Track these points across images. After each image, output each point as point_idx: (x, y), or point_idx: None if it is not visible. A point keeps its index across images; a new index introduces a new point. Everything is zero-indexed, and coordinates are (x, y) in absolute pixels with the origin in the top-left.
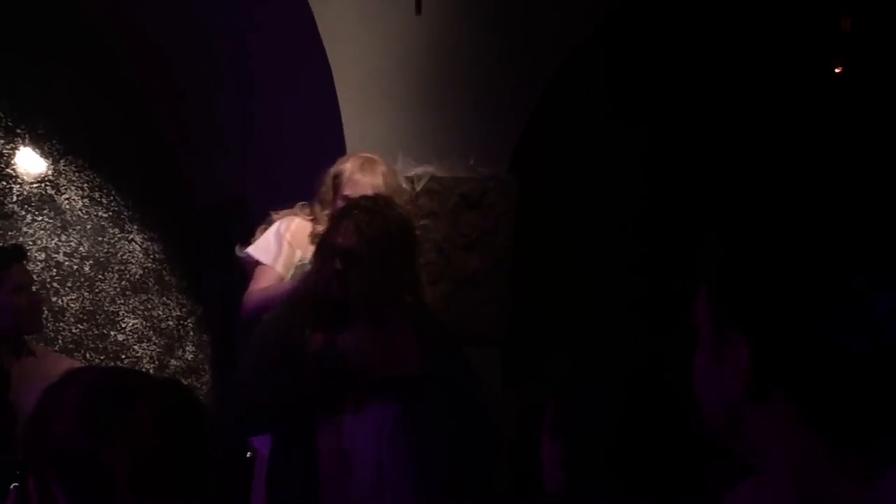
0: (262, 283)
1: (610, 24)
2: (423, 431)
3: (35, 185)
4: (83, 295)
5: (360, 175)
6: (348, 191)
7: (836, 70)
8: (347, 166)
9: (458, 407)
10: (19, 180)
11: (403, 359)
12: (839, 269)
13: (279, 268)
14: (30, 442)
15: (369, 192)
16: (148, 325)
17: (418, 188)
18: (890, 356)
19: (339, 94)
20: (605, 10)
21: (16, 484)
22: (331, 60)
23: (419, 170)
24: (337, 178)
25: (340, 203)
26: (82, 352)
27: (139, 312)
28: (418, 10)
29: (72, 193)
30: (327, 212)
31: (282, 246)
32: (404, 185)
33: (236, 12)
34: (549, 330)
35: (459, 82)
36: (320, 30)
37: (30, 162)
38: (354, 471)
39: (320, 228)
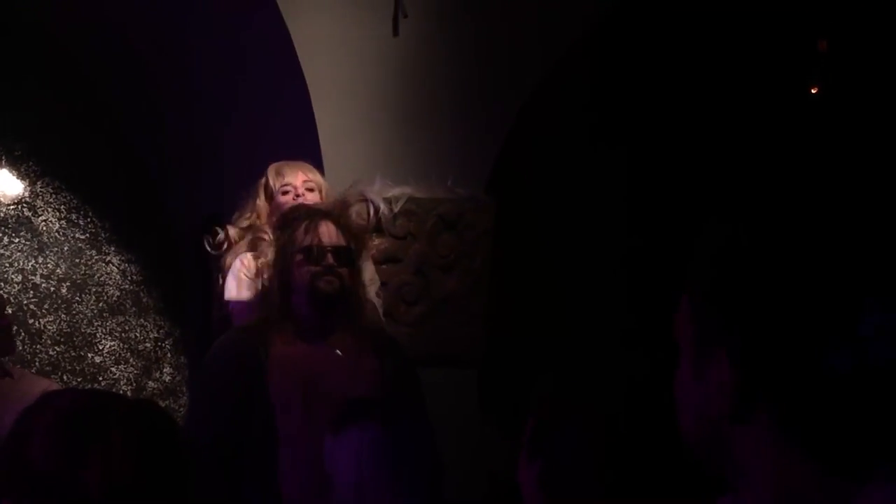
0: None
1: (587, 45)
2: (401, 453)
3: (12, 207)
4: (60, 317)
5: (288, 169)
6: (280, 183)
7: (813, 90)
8: (270, 173)
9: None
10: None
11: (367, 378)
12: (826, 288)
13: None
14: (4, 465)
15: (302, 177)
16: (125, 346)
17: (396, 209)
18: (874, 377)
19: (316, 115)
20: (582, 32)
21: None
22: (308, 82)
23: (397, 191)
24: (266, 187)
25: (282, 199)
26: (59, 374)
27: (116, 334)
28: (395, 32)
29: (49, 215)
30: (264, 220)
31: (240, 281)
32: (382, 207)
33: (214, 34)
34: (526, 352)
35: (437, 104)
36: (298, 51)
37: (6, 183)
38: (334, 493)
39: (266, 239)
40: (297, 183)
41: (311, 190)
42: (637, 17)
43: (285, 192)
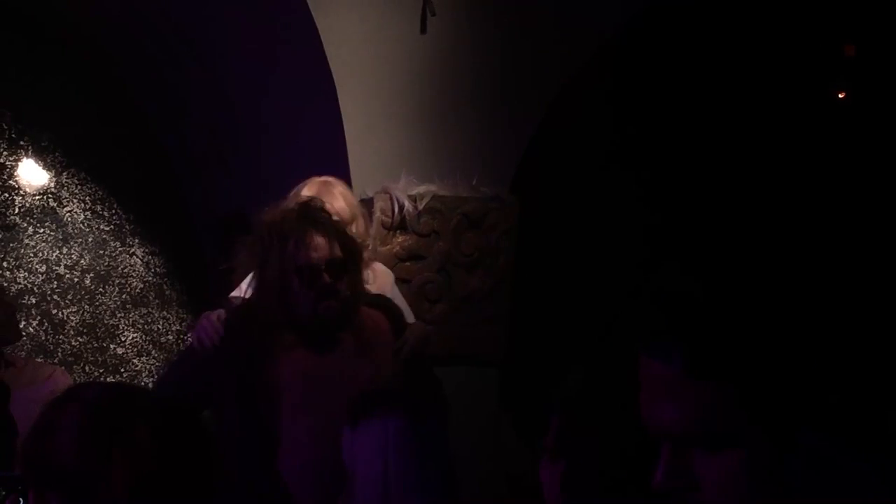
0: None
1: (613, 47)
2: (424, 444)
3: (37, 198)
4: (83, 308)
5: (326, 197)
6: None
7: (840, 95)
8: (303, 192)
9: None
10: (21, 192)
11: (373, 377)
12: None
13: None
14: (29, 458)
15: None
16: (148, 338)
17: (420, 207)
18: None
19: (342, 112)
20: (608, 33)
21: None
22: (335, 79)
23: (422, 188)
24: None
25: None
26: (81, 364)
27: (139, 326)
28: (423, 30)
29: (74, 206)
30: None
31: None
32: (407, 204)
33: (242, 30)
34: (548, 351)
35: (463, 102)
36: (325, 48)
37: (32, 174)
38: (355, 490)
39: None
40: None
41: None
42: (663, 20)
43: None
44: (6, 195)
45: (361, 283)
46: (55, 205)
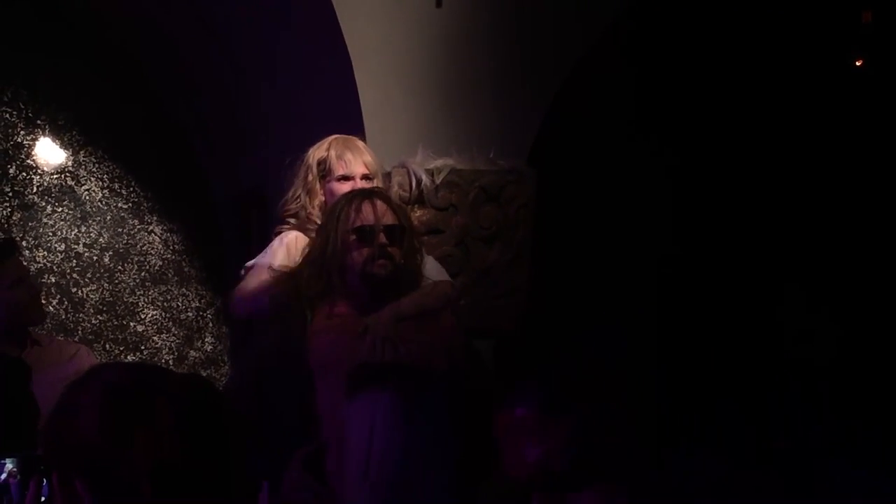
0: (253, 280)
1: (630, 18)
2: (416, 421)
3: (55, 176)
4: (103, 286)
5: (351, 154)
6: (343, 170)
7: (858, 62)
8: (331, 152)
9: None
10: (39, 171)
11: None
12: None
13: (275, 264)
14: (52, 439)
15: (363, 168)
16: (167, 316)
17: (438, 181)
18: None
19: (358, 87)
20: (625, 5)
21: (35, 475)
22: (351, 53)
23: (439, 162)
24: (322, 164)
25: (337, 185)
26: (102, 342)
27: (159, 303)
28: (438, 3)
29: (92, 184)
30: (318, 201)
31: (279, 249)
32: (424, 179)
33: (256, 6)
34: (565, 323)
35: (479, 75)
36: (340, 22)
37: (50, 153)
38: (346, 452)
39: (313, 223)
40: (358, 174)
41: (368, 179)
42: None
43: (344, 180)
44: (24, 174)
45: (417, 260)
46: (73, 183)
